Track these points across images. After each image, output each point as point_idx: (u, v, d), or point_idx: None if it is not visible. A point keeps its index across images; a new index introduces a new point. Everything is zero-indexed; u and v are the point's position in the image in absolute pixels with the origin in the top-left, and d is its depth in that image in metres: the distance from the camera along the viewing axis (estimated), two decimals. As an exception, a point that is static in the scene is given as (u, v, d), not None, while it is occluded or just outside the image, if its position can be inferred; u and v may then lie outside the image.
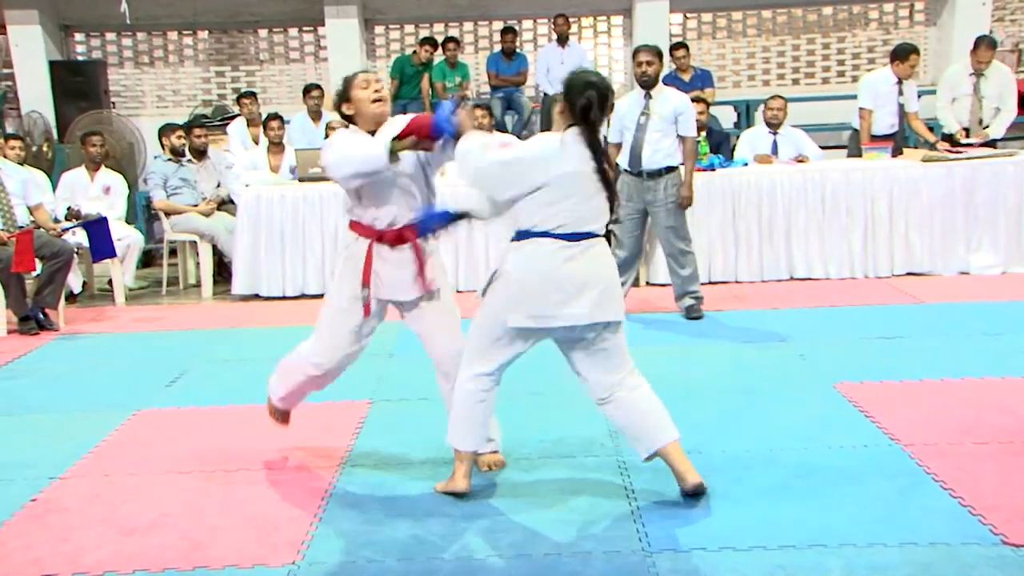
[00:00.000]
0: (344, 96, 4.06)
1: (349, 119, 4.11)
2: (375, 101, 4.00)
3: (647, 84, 6.62)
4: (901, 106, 8.76)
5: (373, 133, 4.01)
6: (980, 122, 8.92)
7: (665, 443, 3.78)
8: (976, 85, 8.89)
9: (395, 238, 4.05)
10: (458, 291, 7.97)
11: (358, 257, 4.04)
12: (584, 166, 3.62)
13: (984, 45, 8.82)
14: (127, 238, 8.49)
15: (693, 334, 6.34)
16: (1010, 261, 7.97)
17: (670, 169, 6.66)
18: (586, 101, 3.59)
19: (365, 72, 4.11)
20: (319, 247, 8.01)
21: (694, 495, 3.76)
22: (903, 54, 8.64)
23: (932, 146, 8.60)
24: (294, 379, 4.28)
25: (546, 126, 11.18)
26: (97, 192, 8.60)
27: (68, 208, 8.15)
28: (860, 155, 8.68)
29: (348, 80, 4.05)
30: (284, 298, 8.03)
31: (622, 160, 6.74)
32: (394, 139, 3.74)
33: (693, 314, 6.81)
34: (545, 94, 11.24)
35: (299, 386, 4.30)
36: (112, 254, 7.92)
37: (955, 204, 7.93)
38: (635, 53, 6.75)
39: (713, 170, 8.00)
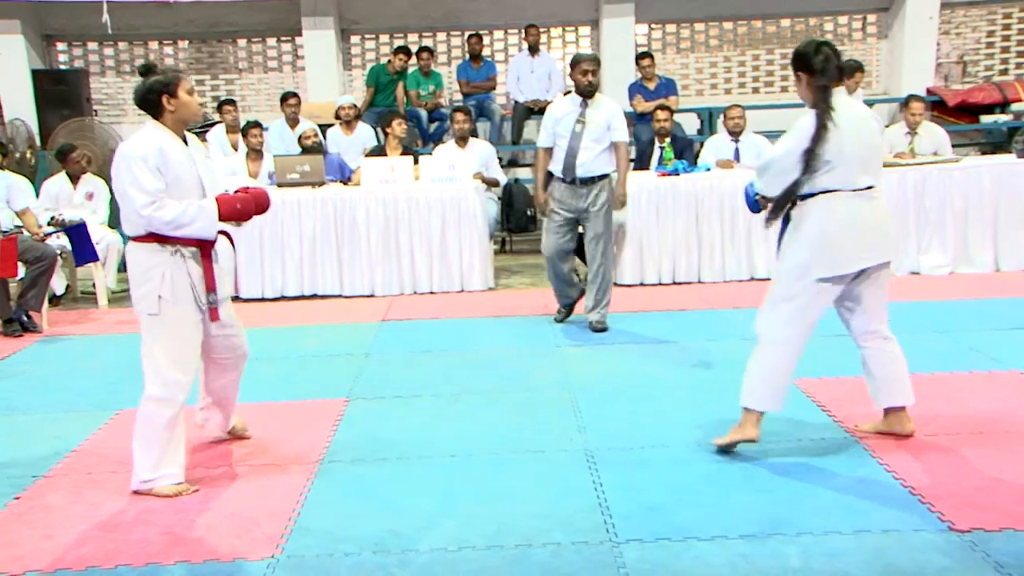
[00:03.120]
0: (169, 90, 3.91)
1: (154, 110, 3.94)
2: (199, 108, 4.06)
3: (590, 93, 6.32)
4: None
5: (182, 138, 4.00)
6: None
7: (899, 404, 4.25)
8: (911, 142, 8.92)
9: None
10: (432, 292, 7.98)
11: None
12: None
13: (914, 100, 8.89)
14: (105, 239, 8.38)
15: (660, 333, 6.36)
16: (958, 262, 8.07)
17: (603, 176, 6.36)
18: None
19: (188, 76, 4.03)
20: (298, 250, 7.98)
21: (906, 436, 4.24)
22: (848, 71, 8.80)
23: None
24: None
25: (517, 131, 11.21)
26: (80, 199, 8.50)
27: (51, 218, 8.05)
28: None
29: (175, 78, 3.93)
30: (263, 300, 8.00)
31: (554, 167, 6.41)
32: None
33: (600, 327, 6.48)
34: (516, 101, 11.27)
35: None
36: (94, 258, 7.86)
37: (907, 207, 8.02)
38: (577, 62, 6.33)
39: (677, 175, 8.04)
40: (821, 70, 3.90)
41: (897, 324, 4.41)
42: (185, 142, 4.01)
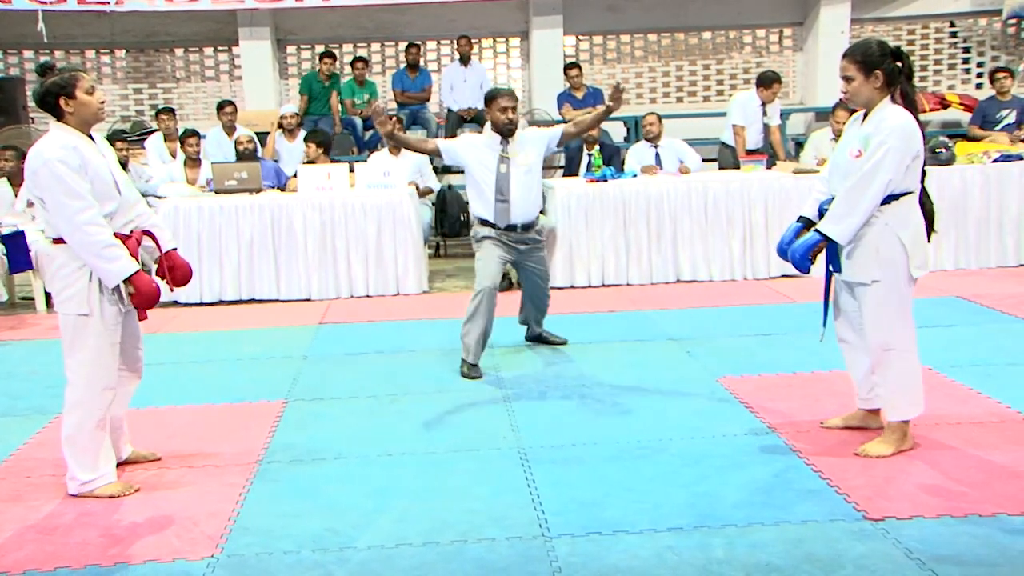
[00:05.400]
0: (66, 91, 3.68)
1: (54, 112, 3.72)
2: (100, 107, 3.77)
3: (511, 131, 5.51)
4: (766, 125, 9.07)
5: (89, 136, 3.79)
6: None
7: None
8: (835, 148, 9.04)
9: None
10: (368, 296, 7.93)
11: None
12: None
13: (840, 108, 8.99)
14: (36, 244, 8.08)
15: (589, 334, 6.39)
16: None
17: (537, 218, 5.70)
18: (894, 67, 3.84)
19: (87, 73, 3.78)
20: (235, 255, 7.87)
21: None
22: (767, 82, 8.99)
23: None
24: None
25: (451, 138, 11.16)
26: (22, 206, 8.19)
27: None
28: (731, 167, 8.89)
29: (72, 79, 3.69)
30: (202, 304, 7.87)
31: (483, 213, 5.52)
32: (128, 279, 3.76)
33: (558, 339, 6.13)
34: (449, 109, 11.26)
35: None
36: (28, 267, 7.66)
37: (822, 212, 8.15)
38: (494, 97, 5.48)
39: (605, 181, 8.09)
40: (911, 70, 3.87)
41: (817, 323, 4.49)
42: (92, 140, 3.80)
